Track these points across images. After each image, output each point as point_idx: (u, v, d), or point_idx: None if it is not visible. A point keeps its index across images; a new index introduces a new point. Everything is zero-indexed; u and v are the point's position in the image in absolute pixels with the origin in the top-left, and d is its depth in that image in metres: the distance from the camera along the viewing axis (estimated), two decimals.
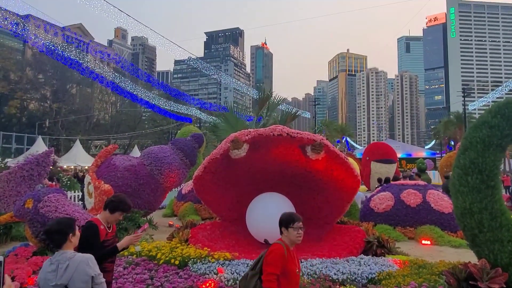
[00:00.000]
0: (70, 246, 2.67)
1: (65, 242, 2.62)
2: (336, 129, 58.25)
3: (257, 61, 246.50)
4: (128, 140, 52.25)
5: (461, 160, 4.98)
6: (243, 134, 6.91)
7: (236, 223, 7.96)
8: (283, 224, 3.16)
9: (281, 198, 7.36)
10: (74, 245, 2.75)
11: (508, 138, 4.89)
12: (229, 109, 11.07)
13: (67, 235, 2.63)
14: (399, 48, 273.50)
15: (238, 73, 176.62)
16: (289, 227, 3.10)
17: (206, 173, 7.13)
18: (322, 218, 8.01)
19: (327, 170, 7.40)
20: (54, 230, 2.62)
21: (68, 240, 2.63)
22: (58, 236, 2.61)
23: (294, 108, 12.90)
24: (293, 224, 3.11)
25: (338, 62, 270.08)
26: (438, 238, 8.45)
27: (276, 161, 7.79)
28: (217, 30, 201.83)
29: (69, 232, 2.64)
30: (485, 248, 4.53)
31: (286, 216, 3.21)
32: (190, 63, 46.71)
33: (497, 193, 4.69)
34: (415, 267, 5.50)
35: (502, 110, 4.93)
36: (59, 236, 2.61)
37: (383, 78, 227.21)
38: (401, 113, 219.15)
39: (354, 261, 5.77)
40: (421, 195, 9.48)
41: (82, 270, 2.52)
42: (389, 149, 23.63)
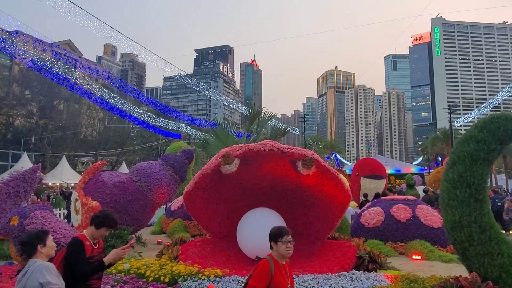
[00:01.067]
0: (41, 256, 2.83)
1: (35, 253, 2.80)
2: (326, 145, 58.70)
3: (247, 77, 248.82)
4: (116, 156, 51.69)
5: (450, 174, 5.04)
6: (234, 149, 6.91)
7: (227, 239, 7.87)
8: (272, 238, 3.16)
9: (272, 214, 7.31)
10: (47, 256, 2.89)
11: (494, 152, 4.99)
12: (219, 125, 11.08)
13: (36, 246, 2.80)
14: (386, 66, 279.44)
15: (228, 89, 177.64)
16: (278, 241, 3.11)
17: (197, 189, 7.07)
18: (314, 234, 7.97)
19: (318, 185, 7.42)
20: (24, 241, 2.85)
21: (37, 251, 2.80)
22: (27, 247, 2.82)
23: (284, 124, 13.01)
24: (282, 238, 3.11)
25: (326, 79, 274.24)
26: (428, 253, 8.46)
27: (267, 176, 7.79)
28: (207, 47, 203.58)
29: (37, 243, 2.81)
30: (475, 261, 4.55)
31: (275, 230, 3.21)
32: (179, 79, 46.84)
33: (485, 207, 4.74)
34: (407, 282, 5.48)
35: (488, 125, 5.04)
36: (28, 247, 2.81)
37: (371, 95, 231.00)
38: (389, 129, 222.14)
39: (346, 277, 5.73)
40: (410, 210, 9.54)
41: (34, 277, 2.66)
42: (378, 165, 23.78)
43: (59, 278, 2.82)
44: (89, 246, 3.29)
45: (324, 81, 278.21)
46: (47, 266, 2.78)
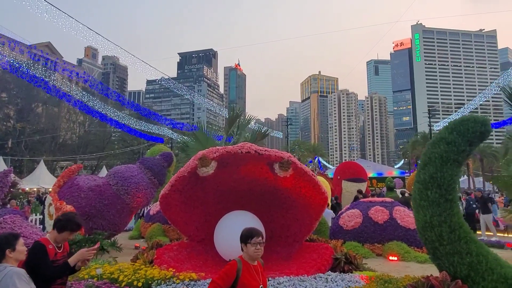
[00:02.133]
0: (10, 261, 2.74)
1: (4, 257, 2.72)
2: (309, 149, 59.08)
3: (231, 82, 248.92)
4: (96, 161, 50.70)
5: (421, 175, 5.12)
6: (211, 152, 6.86)
7: (205, 243, 7.79)
8: (242, 239, 3.18)
9: (249, 217, 7.28)
10: (17, 260, 2.80)
11: (464, 154, 5.09)
12: (199, 128, 11.00)
13: (4, 250, 2.72)
14: (369, 71, 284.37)
15: (212, 93, 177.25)
16: (247, 243, 3.12)
17: (173, 192, 6.99)
18: (291, 236, 7.98)
19: (295, 187, 7.43)
20: None
21: (6, 255, 2.72)
22: None
23: (264, 127, 13.03)
24: (251, 239, 3.12)
25: (310, 83, 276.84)
26: (404, 254, 8.58)
27: (245, 179, 7.76)
28: (191, 51, 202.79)
29: (6, 248, 2.73)
30: (445, 260, 4.63)
31: (245, 231, 3.22)
32: (162, 83, 46.45)
33: (455, 207, 4.83)
34: (381, 282, 5.53)
35: (458, 127, 5.14)
36: None
37: (354, 100, 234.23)
38: (371, 133, 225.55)
39: (322, 278, 5.75)
40: (388, 211, 9.67)
41: (4, 283, 2.58)
42: (360, 168, 24.12)
43: (29, 284, 2.72)
44: (52, 249, 3.21)
45: (308, 85, 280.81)
46: (18, 272, 2.66)
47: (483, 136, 5.14)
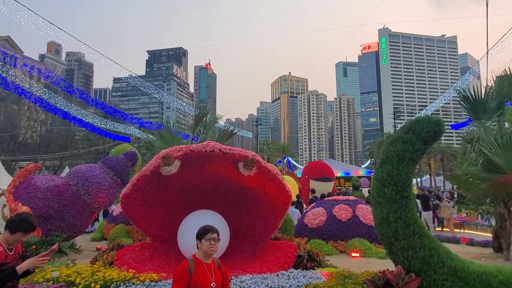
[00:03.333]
0: None
1: None
2: (278, 149, 59.57)
3: (201, 81, 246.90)
4: (59, 160, 48.74)
5: (379, 173, 5.28)
6: (174, 150, 6.77)
7: (168, 243, 7.68)
8: (197, 236, 3.20)
9: (214, 216, 7.23)
10: None
11: (419, 152, 5.29)
12: (165, 126, 10.81)
13: None
14: (337, 73, 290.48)
15: (181, 92, 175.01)
16: (202, 239, 3.14)
17: (135, 191, 6.83)
18: (256, 235, 8.01)
19: (260, 186, 7.47)
20: None
21: None
22: None
23: (232, 126, 13.02)
24: (206, 235, 3.14)
25: (280, 84, 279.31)
26: (366, 250, 8.82)
27: (209, 178, 7.71)
28: (160, 49, 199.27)
29: None
30: (400, 255, 4.79)
31: (201, 228, 3.25)
32: (130, 81, 45.33)
33: (410, 203, 5.01)
34: (341, 278, 5.65)
35: (413, 126, 5.34)
36: None
37: (323, 101, 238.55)
38: (340, 133, 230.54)
39: (284, 275, 5.80)
40: (351, 209, 9.90)
41: None
42: (327, 167, 24.57)
43: None
44: (3, 252, 3.06)
45: (278, 86, 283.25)
46: None
47: (437, 135, 5.36)
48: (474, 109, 9.34)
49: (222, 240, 7.01)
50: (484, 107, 9.31)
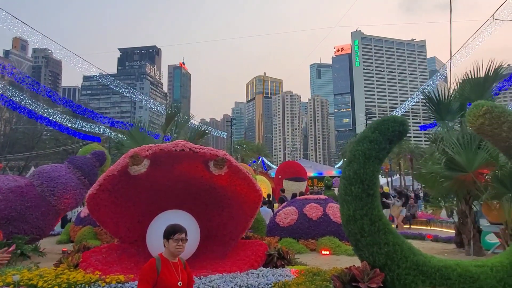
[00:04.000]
0: None
1: None
2: (252, 149, 59.66)
3: (175, 80, 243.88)
4: (24, 161, 46.79)
5: (346, 172, 5.40)
6: (143, 150, 6.65)
7: (137, 244, 7.52)
8: (165, 235, 3.19)
9: (184, 216, 7.16)
10: None
11: (384, 151, 5.45)
12: (135, 126, 10.59)
13: None
14: (311, 74, 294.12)
15: (155, 92, 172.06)
16: (169, 238, 3.12)
17: (102, 191, 6.66)
18: (227, 235, 7.99)
19: (231, 185, 7.46)
20: None
21: None
22: None
23: (205, 126, 12.92)
24: (174, 235, 3.14)
25: (255, 84, 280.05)
26: (336, 248, 8.98)
27: (180, 177, 7.62)
28: (132, 47, 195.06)
29: None
30: (365, 251, 4.92)
31: (169, 227, 3.24)
32: (101, 79, 44.13)
33: (375, 200, 5.15)
34: (310, 275, 5.73)
35: (379, 126, 5.49)
36: None
37: (297, 101, 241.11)
38: (313, 134, 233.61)
39: (254, 274, 5.82)
40: (322, 208, 10.06)
41: None
42: (300, 167, 24.88)
43: None
44: None
45: (253, 86, 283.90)
46: None
47: (401, 135, 5.54)
48: (438, 110, 9.71)
49: (192, 241, 7.01)
50: (448, 108, 9.70)
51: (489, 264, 4.64)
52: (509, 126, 4.98)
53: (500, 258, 4.80)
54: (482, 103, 5.14)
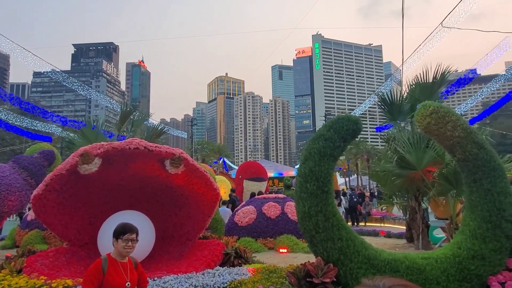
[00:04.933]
0: None
1: None
2: (213, 149, 59.19)
3: (133, 79, 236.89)
4: None
5: (302, 169, 5.46)
6: (94, 148, 6.36)
7: (88, 247, 7.19)
8: (114, 234, 3.10)
9: (138, 217, 6.92)
10: None
11: (339, 149, 5.57)
12: (87, 124, 10.11)
13: None
14: (273, 75, 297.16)
15: (112, 90, 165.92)
16: (119, 238, 3.04)
17: (49, 192, 6.29)
18: (185, 235, 7.84)
19: (188, 184, 7.32)
20: None
21: None
22: None
23: (162, 124, 12.59)
24: (124, 235, 3.04)
25: (217, 84, 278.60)
26: (293, 246, 9.08)
27: (134, 177, 7.37)
28: (88, 43, 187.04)
29: None
30: (320, 247, 4.99)
31: (120, 226, 3.15)
32: (53, 76, 41.90)
33: (329, 197, 5.25)
34: (266, 272, 5.75)
35: (334, 124, 5.61)
36: None
37: (259, 102, 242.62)
38: (275, 135, 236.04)
39: (210, 273, 5.74)
40: (280, 207, 10.14)
41: None
42: (260, 168, 25.00)
43: None
44: None
45: (215, 86, 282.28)
46: None
47: (355, 133, 5.69)
48: (391, 111, 10.12)
49: (146, 242, 6.81)
50: (400, 109, 10.13)
51: (434, 256, 4.88)
52: (453, 126, 5.25)
53: (444, 250, 5.06)
54: (429, 104, 5.39)
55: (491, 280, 4.57)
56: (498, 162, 5.19)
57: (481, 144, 5.18)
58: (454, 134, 5.21)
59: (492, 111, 47.63)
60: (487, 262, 4.67)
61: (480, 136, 5.38)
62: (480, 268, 4.66)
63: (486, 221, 4.82)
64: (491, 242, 4.73)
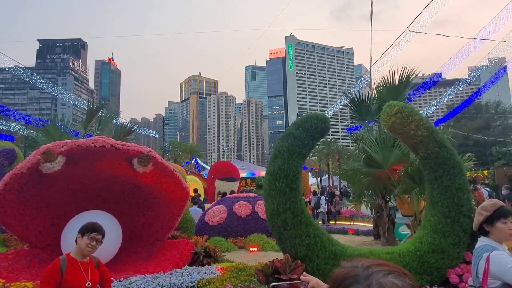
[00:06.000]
0: None
1: None
2: (186, 149, 58.52)
3: (103, 77, 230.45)
4: None
5: (271, 167, 5.50)
6: (57, 146, 6.14)
7: (51, 248, 6.92)
8: (81, 230, 3.02)
9: (104, 217, 6.73)
10: None
11: (307, 147, 5.65)
12: (52, 122, 9.73)
13: None
14: (247, 76, 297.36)
15: (79, 88, 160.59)
16: (84, 235, 2.97)
17: (8, 191, 6.02)
18: (153, 235, 7.69)
19: (157, 183, 7.20)
20: None
21: None
22: None
23: (131, 123, 12.30)
24: (91, 233, 2.99)
25: (190, 84, 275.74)
26: (264, 244, 9.12)
27: (101, 176, 7.17)
28: (55, 39, 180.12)
29: None
30: (288, 243, 5.05)
31: (88, 224, 3.07)
32: (15, 72, 40.01)
33: (298, 195, 5.32)
34: (235, 271, 5.74)
35: (303, 123, 5.68)
36: None
37: (232, 102, 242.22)
38: (248, 135, 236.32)
39: (178, 273, 5.68)
40: (251, 206, 10.16)
41: None
42: (232, 167, 24.97)
43: None
44: None
45: (187, 86, 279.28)
46: None
47: (323, 132, 5.79)
48: (359, 111, 10.35)
49: (112, 243, 6.64)
50: (368, 109, 10.38)
51: (397, 251, 5.04)
52: (416, 125, 5.44)
53: (406, 245, 5.24)
54: (394, 104, 5.56)
55: (450, 273, 4.77)
56: (457, 160, 5.42)
57: (442, 143, 5.39)
58: (417, 133, 5.40)
59: (455, 113, 49.80)
60: (446, 256, 4.87)
61: (441, 135, 5.61)
62: (440, 262, 4.85)
63: (446, 216, 5.03)
64: (450, 236, 4.93)
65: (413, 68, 9.84)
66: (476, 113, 64.73)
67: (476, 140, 52.31)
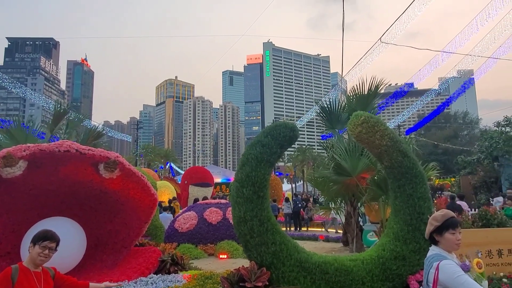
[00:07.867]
0: None
1: None
2: (160, 154, 57.70)
3: (75, 78, 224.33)
4: None
5: (239, 175, 5.52)
6: (19, 150, 5.92)
7: (10, 257, 6.64)
8: (33, 239, 2.95)
9: (67, 223, 6.56)
10: None
11: (275, 155, 5.70)
12: (16, 124, 9.37)
13: None
14: (224, 81, 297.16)
15: (50, 89, 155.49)
16: (36, 243, 2.90)
17: None
18: (119, 242, 7.52)
19: (124, 189, 7.05)
20: None
21: None
22: None
23: (101, 126, 12.02)
24: (43, 241, 2.91)
25: (166, 87, 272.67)
26: (233, 251, 9.09)
27: (65, 181, 6.95)
28: (25, 37, 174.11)
29: None
30: (254, 251, 5.06)
31: (40, 232, 3.01)
32: None
33: (265, 202, 5.34)
34: (202, 279, 5.70)
35: (272, 131, 5.74)
36: None
37: (209, 107, 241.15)
38: (224, 140, 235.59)
39: (143, 281, 5.58)
40: (222, 212, 10.12)
41: None
42: (206, 173, 24.82)
43: None
44: None
45: (163, 89, 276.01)
46: None
47: (292, 140, 5.86)
48: (330, 120, 10.55)
49: (76, 250, 6.46)
50: (338, 118, 10.59)
51: (361, 258, 5.14)
52: (381, 135, 5.60)
53: (370, 252, 5.36)
54: (360, 113, 5.70)
55: (410, 279, 4.91)
56: (419, 170, 5.61)
57: (405, 153, 5.57)
58: (382, 143, 5.55)
59: (425, 122, 51.53)
60: (407, 262, 5.01)
61: (405, 145, 5.79)
62: (401, 268, 4.99)
63: (408, 224, 5.19)
64: (411, 244, 5.09)
65: (382, 78, 10.13)
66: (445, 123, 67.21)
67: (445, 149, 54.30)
